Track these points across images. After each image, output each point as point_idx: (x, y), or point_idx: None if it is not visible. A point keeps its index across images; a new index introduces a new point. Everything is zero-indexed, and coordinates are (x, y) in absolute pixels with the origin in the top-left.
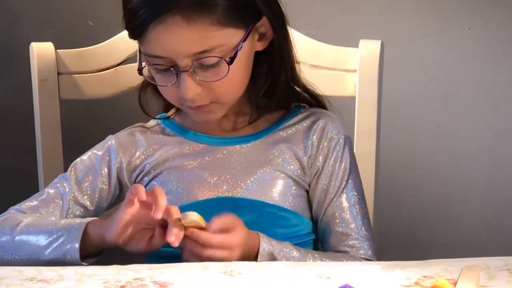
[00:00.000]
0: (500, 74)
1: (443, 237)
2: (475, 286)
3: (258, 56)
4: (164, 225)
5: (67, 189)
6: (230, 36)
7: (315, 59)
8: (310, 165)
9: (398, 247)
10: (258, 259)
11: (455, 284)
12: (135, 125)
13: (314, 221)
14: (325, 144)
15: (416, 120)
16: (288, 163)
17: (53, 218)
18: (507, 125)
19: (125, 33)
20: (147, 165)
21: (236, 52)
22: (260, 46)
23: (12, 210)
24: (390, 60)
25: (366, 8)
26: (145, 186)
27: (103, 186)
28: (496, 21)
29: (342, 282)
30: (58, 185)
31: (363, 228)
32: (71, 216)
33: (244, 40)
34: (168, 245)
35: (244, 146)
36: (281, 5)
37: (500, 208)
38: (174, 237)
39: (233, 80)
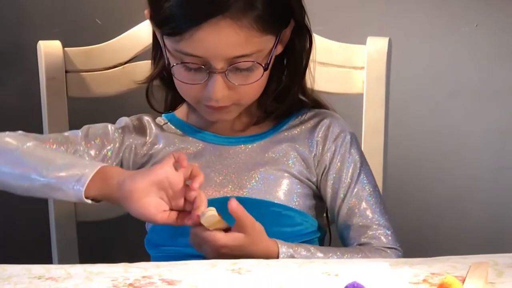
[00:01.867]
0: (508, 71)
1: (451, 234)
2: (483, 283)
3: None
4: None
5: (74, 140)
6: (267, 42)
7: (323, 56)
8: (316, 164)
9: (406, 244)
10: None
11: (463, 281)
12: (146, 114)
13: (325, 219)
14: (331, 142)
15: (423, 117)
16: (293, 162)
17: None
18: None
19: (132, 31)
20: (152, 159)
21: (271, 58)
22: (279, 50)
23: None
24: (397, 57)
25: (374, 5)
26: None
27: (108, 154)
28: (504, 18)
29: (350, 280)
30: (65, 134)
31: (381, 218)
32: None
33: (275, 45)
34: (173, 242)
35: (249, 146)
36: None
37: (507, 205)
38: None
39: (260, 84)
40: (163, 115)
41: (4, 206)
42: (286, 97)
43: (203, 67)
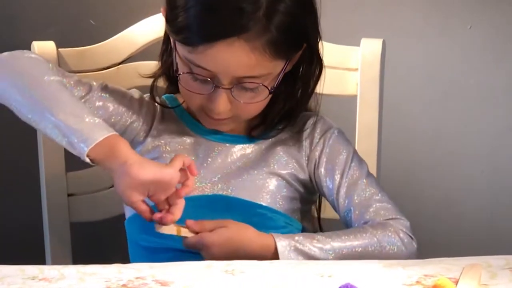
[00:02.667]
0: (502, 72)
1: (444, 236)
2: (476, 284)
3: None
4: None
5: (93, 86)
6: (277, 66)
7: None
8: (307, 161)
9: None
10: (280, 256)
11: (456, 283)
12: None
13: (312, 222)
14: (319, 137)
15: (417, 118)
16: (283, 165)
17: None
18: (508, 124)
19: (126, 32)
20: (149, 139)
21: (278, 81)
22: (287, 69)
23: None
24: (391, 58)
25: (368, 6)
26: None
27: (123, 112)
28: (497, 19)
29: (343, 281)
30: (84, 80)
31: (379, 193)
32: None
33: (284, 70)
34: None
35: (241, 147)
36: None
37: (501, 207)
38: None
39: (262, 103)
40: (164, 96)
41: None
42: (289, 115)
43: (209, 79)
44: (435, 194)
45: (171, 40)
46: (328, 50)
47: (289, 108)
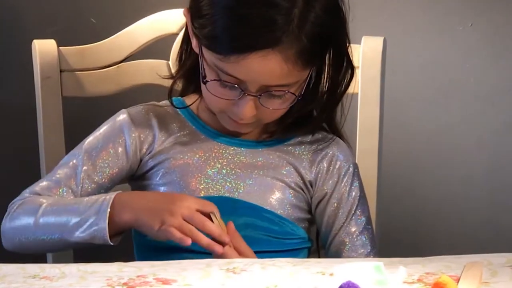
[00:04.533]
0: (503, 70)
1: (445, 234)
2: (478, 282)
3: None
4: None
5: (79, 168)
6: (305, 74)
7: None
8: (316, 189)
9: (400, 243)
10: None
11: (457, 280)
12: (148, 103)
13: (310, 231)
14: (335, 171)
15: (417, 116)
16: (291, 176)
17: (71, 197)
18: (509, 122)
19: (127, 30)
20: (156, 149)
21: (304, 87)
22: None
23: (26, 194)
24: (392, 56)
25: (369, 4)
26: (150, 170)
27: (119, 163)
28: (499, 17)
29: (344, 279)
30: (70, 164)
31: (371, 254)
32: (84, 193)
33: (310, 75)
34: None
35: (252, 151)
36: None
37: (501, 204)
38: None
39: (286, 109)
40: (174, 100)
41: None
42: (307, 123)
43: (236, 86)
44: (436, 192)
45: (194, 42)
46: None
47: (308, 114)
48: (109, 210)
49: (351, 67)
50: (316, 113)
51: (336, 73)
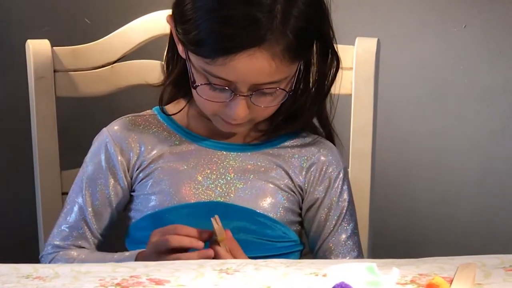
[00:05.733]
0: (496, 72)
1: (438, 235)
2: (471, 284)
3: None
4: None
5: (85, 213)
6: (293, 69)
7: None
8: (307, 195)
9: (394, 245)
10: None
11: (451, 282)
12: (128, 116)
13: (302, 234)
14: (326, 176)
15: (411, 118)
16: (282, 179)
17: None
18: (502, 124)
19: (121, 30)
20: (144, 162)
21: (293, 82)
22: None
23: (49, 247)
24: (386, 58)
25: (363, 5)
26: (140, 181)
27: (117, 192)
28: (492, 18)
29: (338, 280)
30: (75, 209)
31: (359, 258)
32: (98, 229)
33: (298, 69)
34: None
35: (241, 154)
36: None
37: (495, 206)
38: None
39: (278, 105)
40: (154, 110)
41: None
42: (298, 117)
43: (227, 88)
44: (429, 194)
45: (180, 48)
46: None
47: (299, 108)
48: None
49: (336, 57)
50: (306, 107)
51: (323, 65)
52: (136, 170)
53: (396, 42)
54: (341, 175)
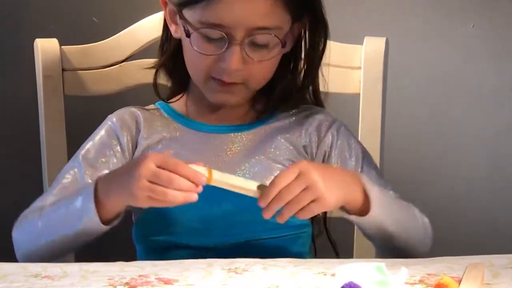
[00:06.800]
0: (504, 71)
1: (447, 235)
2: (479, 284)
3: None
4: None
5: (81, 174)
6: (287, 22)
7: None
8: (314, 153)
9: None
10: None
11: (459, 282)
12: (134, 106)
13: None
14: (326, 130)
15: (419, 117)
16: (283, 153)
17: None
18: (510, 122)
19: (129, 29)
20: (142, 142)
21: (286, 39)
22: (289, 47)
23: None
24: (394, 57)
25: (371, 5)
26: None
27: (118, 164)
28: (500, 18)
29: (346, 280)
30: (71, 172)
31: (394, 190)
32: None
33: (293, 32)
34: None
35: (238, 135)
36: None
37: (504, 205)
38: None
39: (272, 66)
40: (156, 103)
41: None
42: (292, 95)
43: (222, 36)
44: (437, 193)
45: (174, 28)
46: (331, 48)
47: (292, 85)
48: (93, 189)
49: (324, 26)
50: (299, 84)
51: (313, 34)
52: (136, 153)
53: (404, 41)
54: (343, 128)
